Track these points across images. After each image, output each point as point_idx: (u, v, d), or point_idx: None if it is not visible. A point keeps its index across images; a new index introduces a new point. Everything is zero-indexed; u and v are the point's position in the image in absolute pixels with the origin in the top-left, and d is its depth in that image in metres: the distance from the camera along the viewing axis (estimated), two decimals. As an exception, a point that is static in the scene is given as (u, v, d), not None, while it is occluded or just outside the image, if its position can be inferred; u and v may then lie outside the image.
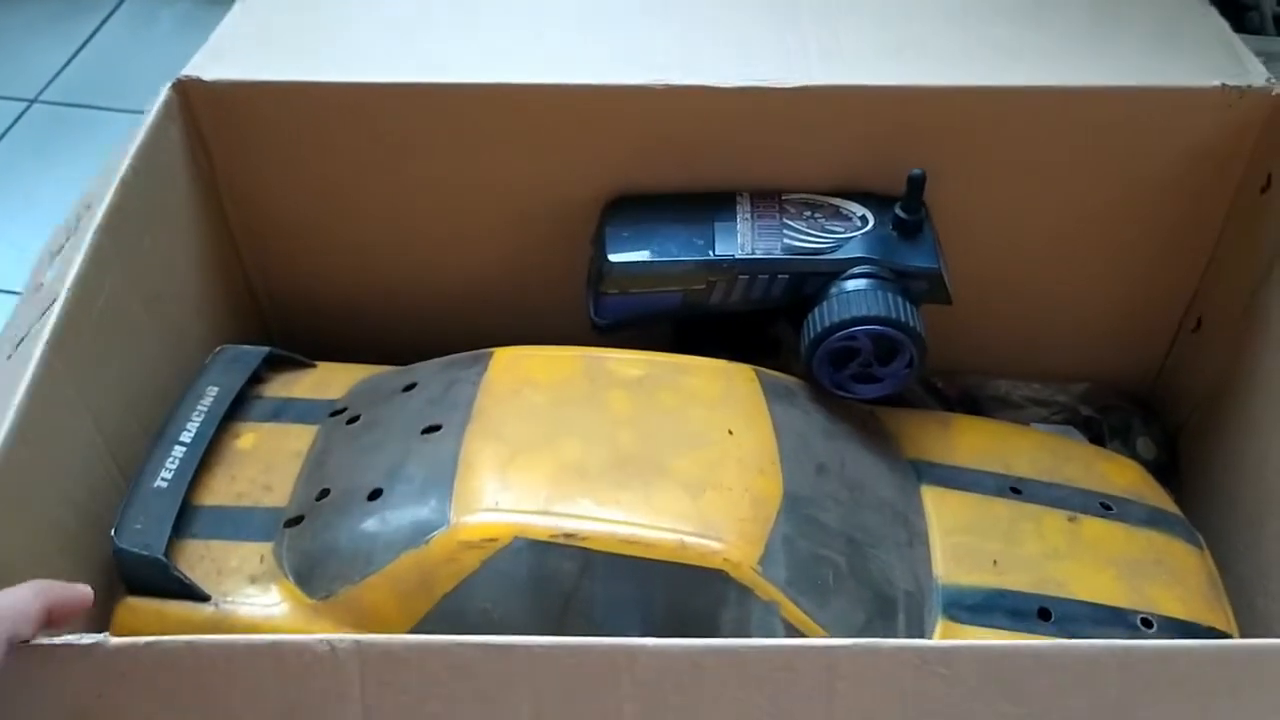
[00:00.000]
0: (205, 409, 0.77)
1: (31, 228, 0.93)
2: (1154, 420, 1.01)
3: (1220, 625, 0.77)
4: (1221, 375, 0.94)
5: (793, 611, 0.67)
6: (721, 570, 0.67)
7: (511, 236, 0.91)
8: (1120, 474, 0.87)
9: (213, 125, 0.83)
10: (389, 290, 0.94)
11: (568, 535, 0.67)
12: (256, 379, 0.82)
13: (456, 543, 0.67)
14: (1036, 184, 0.89)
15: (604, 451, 0.71)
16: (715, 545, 0.67)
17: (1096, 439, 1.00)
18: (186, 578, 0.68)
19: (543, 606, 0.67)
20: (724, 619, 0.67)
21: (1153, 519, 0.83)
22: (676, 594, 0.67)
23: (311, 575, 0.69)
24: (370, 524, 0.69)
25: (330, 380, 0.84)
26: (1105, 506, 0.82)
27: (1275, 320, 0.86)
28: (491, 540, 0.66)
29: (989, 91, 0.84)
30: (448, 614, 0.67)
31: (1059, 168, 0.88)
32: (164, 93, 0.79)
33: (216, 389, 0.79)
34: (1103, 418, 1.00)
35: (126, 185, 0.73)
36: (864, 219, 0.84)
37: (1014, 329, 0.99)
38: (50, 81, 1.66)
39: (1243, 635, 0.79)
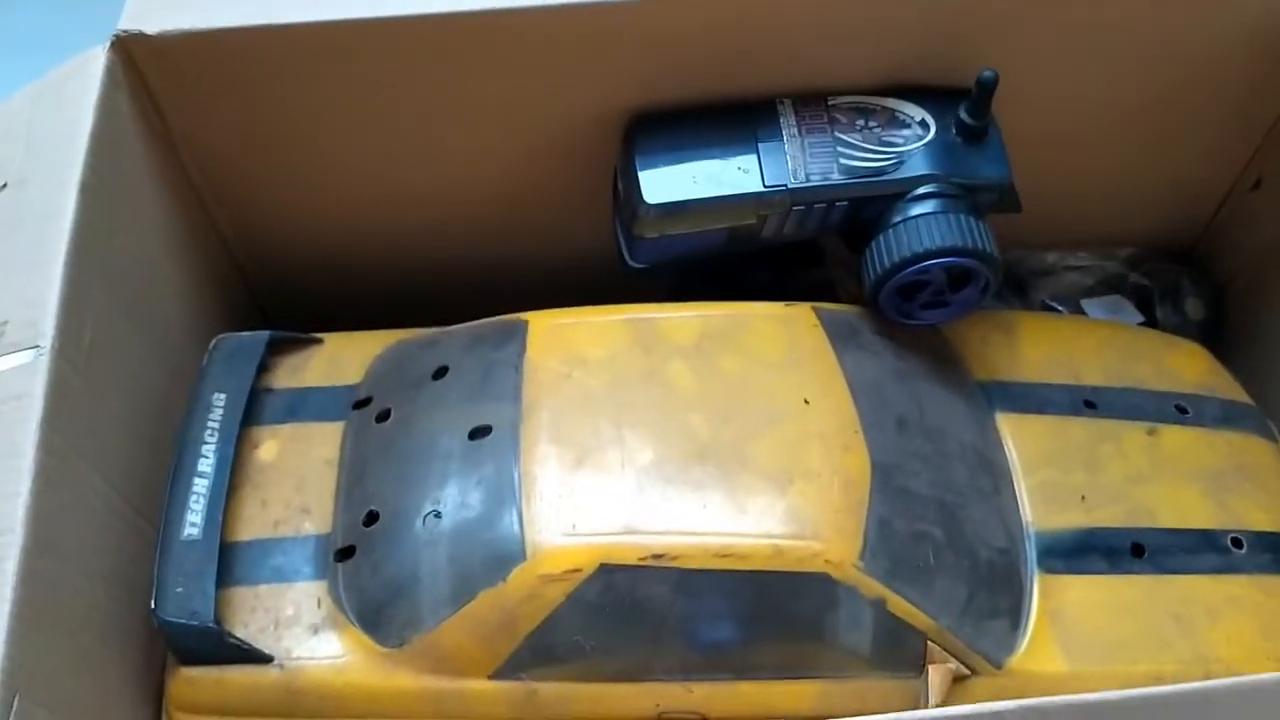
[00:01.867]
0: (218, 424, 0.68)
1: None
2: (1202, 279, 0.96)
3: (1304, 529, 0.75)
4: (1277, 234, 0.89)
5: (900, 605, 0.63)
6: (823, 573, 0.62)
7: (520, 166, 0.80)
8: (1189, 364, 0.83)
9: (165, 85, 0.69)
10: (387, 239, 0.83)
11: (657, 556, 0.61)
12: (261, 368, 0.73)
13: (537, 577, 0.61)
14: (1098, 57, 0.80)
15: (678, 445, 0.65)
16: (813, 546, 0.62)
17: (1146, 304, 0.95)
18: (244, 643, 0.62)
19: (636, 630, 0.62)
20: (827, 621, 0.63)
21: (1227, 416, 0.80)
22: (776, 601, 0.63)
23: (379, 619, 0.63)
24: (435, 557, 0.63)
25: (342, 357, 0.75)
26: (1181, 410, 0.78)
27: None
28: (575, 571, 0.61)
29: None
30: (536, 650, 0.62)
31: (1126, 40, 0.78)
32: (102, 55, 0.66)
33: (224, 395, 0.70)
34: (1151, 282, 0.95)
35: (88, 190, 0.62)
36: (924, 124, 0.74)
37: (1061, 199, 0.91)
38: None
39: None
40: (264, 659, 0.62)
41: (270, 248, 0.83)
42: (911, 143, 0.74)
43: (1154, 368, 0.81)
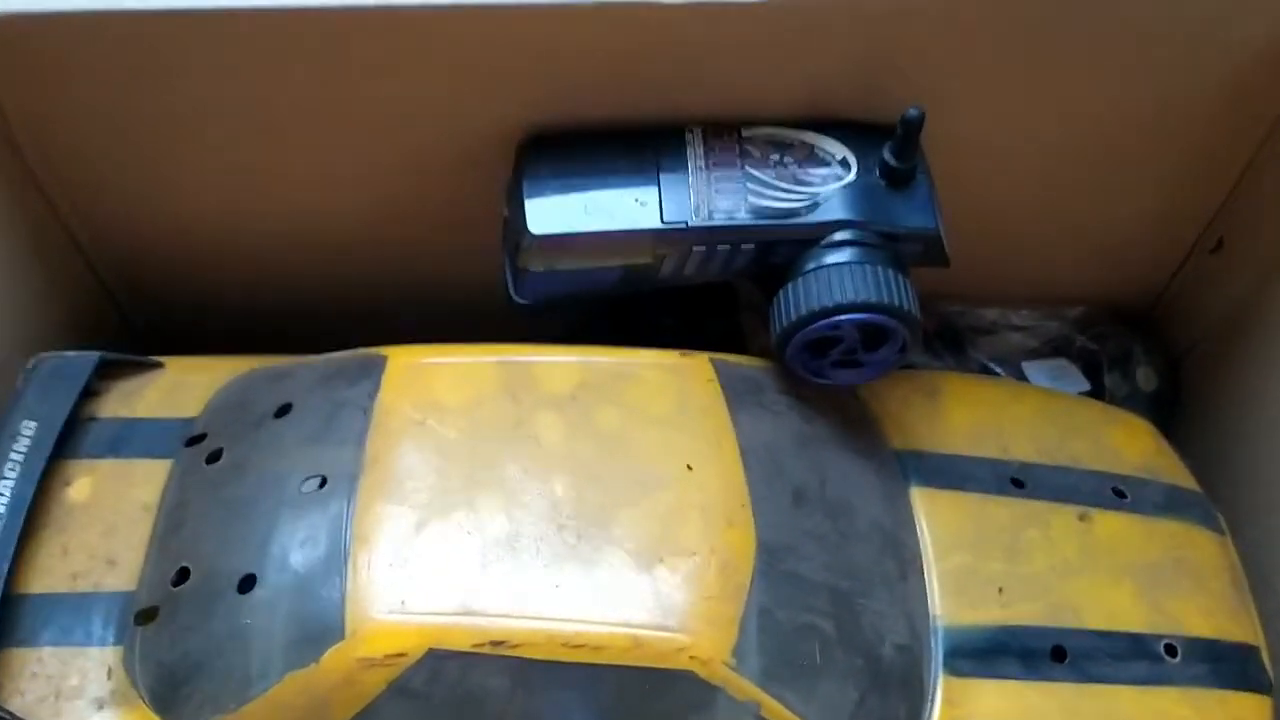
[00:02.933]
0: (21, 457, 0.60)
1: None
2: (1156, 347, 0.89)
3: (1247, 637, 0.68)
4: (1240, 303, 0.82)
5: (776, 711, 0.55)
6: (688, 670, 0.54)
7: (408, 181, 0.72)
8: (1132, 443, 0.75)
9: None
10: (264, 252, 0.76)
11: (495, 643, 0.53)
12: (88, 392, 0.65)
13: (355, 660, 0.53)
14: (1048, 97, 0.72)
15: (536, 510, 0.57)
16: (679, 639, 0.54)
17: (1092, 369, 0.88)
18: (14, 716, 0.53)
19: (468, 728, 0.54)
20: (691, 723, 0.55)
21: (1170, 503, 0.72)
22: (632, 700, 0.55)
23: (174, 699, 0.55)
24: (243, 628, 0.55)
25: (183, 386, 0.67)
26: (1119, 494, 0.71)
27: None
28: (399, 655, 0.53)
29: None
30: (349, 745, 0.54)
31: (1078, 79, 0.71)
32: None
33: (34, 424, 0.62)
34: (1100, 347, 0.88)
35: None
36: (845, 164, 0.67)
37: (1006, 250, 0.85)
38: None
39: (1263, 620, 0.70)
40: (36, 738, 0.54)
41: (134, 256, 0.75)
42: (829, 183, 0.66)
43: (1093, 444, 0.74)
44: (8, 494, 0.59)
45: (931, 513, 0.68)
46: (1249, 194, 0.79)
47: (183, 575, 0.57)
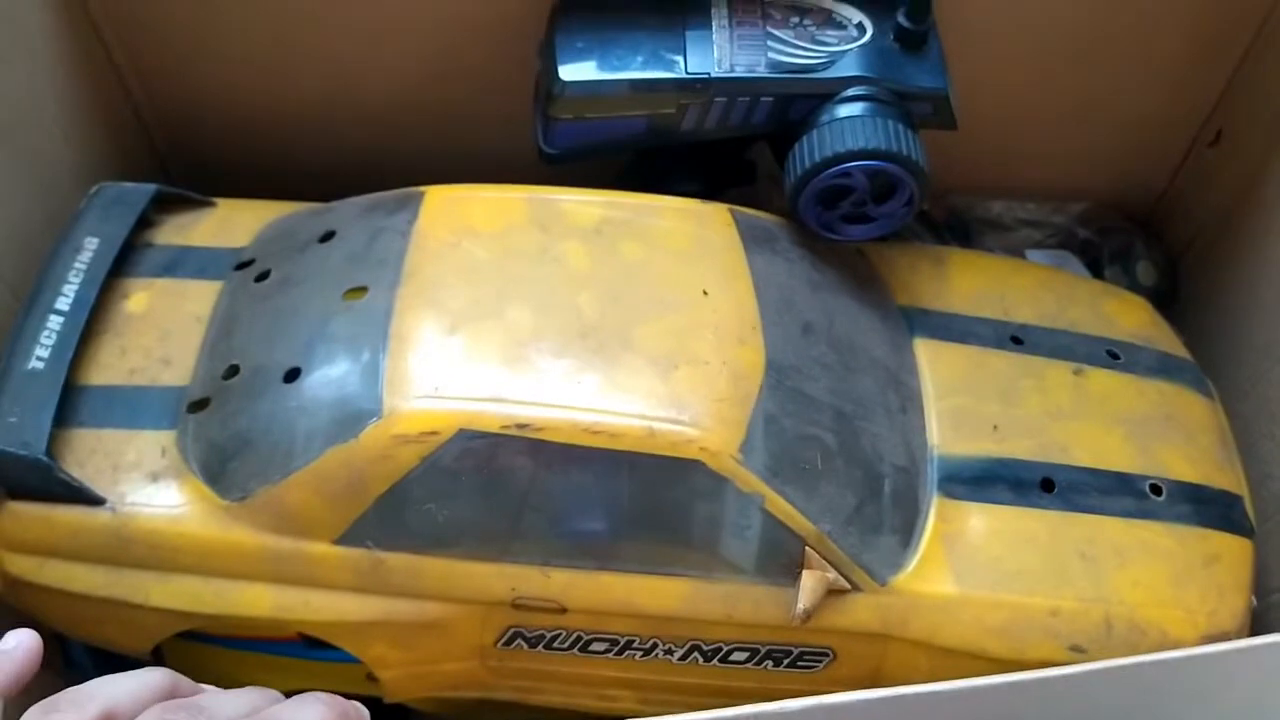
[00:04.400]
0: (84, 266, 0.65)
1: None
2: (1156, 243, 0.93)
3: (1230, 486, 0.71)
4: (1236, 195, 0.85)
5: (777, 503, 0.59)
6: (697, 460, 0.58)
7: (440, 39, 0.77)
8: (1128, 314, 0.79)
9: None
10: (297, 104, 0.80)
11: (521, 426, 0.57)
12: (145, 223, 0.70)
13: (390, 437, 0.57)
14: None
15: (560, 320, 0.61)
16: (690, 432, 0.58)
17: (1094, 264, 0.92)
18: (75, 480, 0.58)
19: (494, 505, 0.58)
20: (698, 513, 0.59)
21: (1163, 367, 0.76)
22: (646, 486, 0.59)
23: (223, 472, 0.59)
24: (289, 411, 0.59)
25: (233, 222, 0.72)
26: (1112, 355, 0.75)
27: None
28: (432, 434, 0.57)
29: None
30: (385, 517, 0.58)
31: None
32: None
33: (96, 240, 0.66)
34: (1102, 241, 0.91)
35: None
36: (861, 27, 0.71)
37: (1012, 144, 0.88)
38: None
39: (1251, 486, 0.73)
40: (95, 500, 0.58)
41: (177, 101, 0.79)
42: (845, 43, 0.70)
43: (1090, 312, 0.77)
44: (71, 295, 0.63)
45: (933, 360, 0.71)
46: (1247, 83, 0.83)
47: (233, 370, 0.62)
